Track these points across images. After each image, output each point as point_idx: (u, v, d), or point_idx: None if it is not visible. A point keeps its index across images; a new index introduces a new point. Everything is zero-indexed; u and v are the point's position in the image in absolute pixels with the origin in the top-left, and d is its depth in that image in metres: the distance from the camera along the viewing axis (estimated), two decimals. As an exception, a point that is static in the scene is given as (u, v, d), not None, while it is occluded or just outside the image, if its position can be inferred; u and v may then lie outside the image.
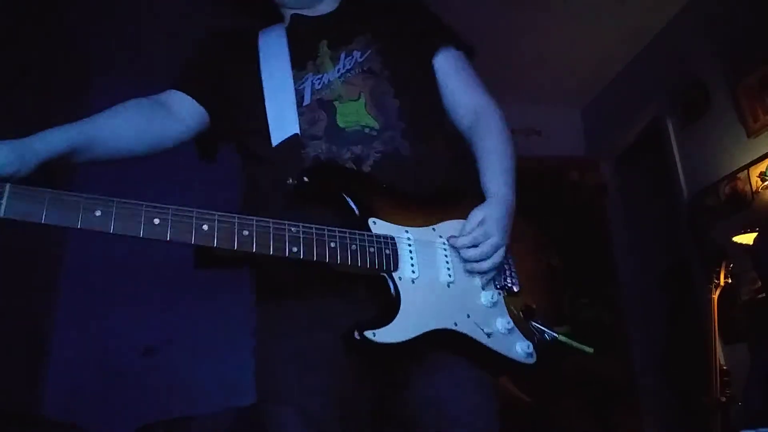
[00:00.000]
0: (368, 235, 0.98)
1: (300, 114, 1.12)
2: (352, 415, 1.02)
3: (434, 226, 1.07)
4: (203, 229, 0.88)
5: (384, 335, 0.92)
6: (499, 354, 1.01)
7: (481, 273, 1.05)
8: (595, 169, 4.20)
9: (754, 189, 2.74)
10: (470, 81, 1.27)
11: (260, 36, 1.26)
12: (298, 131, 1.10)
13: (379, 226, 1.00)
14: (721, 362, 2.61)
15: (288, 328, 1.07)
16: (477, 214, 1.05)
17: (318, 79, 1.16)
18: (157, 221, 0.86)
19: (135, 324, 3.25)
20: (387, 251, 0.98)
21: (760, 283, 2.52)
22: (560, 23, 3.43)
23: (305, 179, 0.99)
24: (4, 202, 0.77)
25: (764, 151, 2.70)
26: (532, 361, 1.03)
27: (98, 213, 0.83)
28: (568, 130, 4.37)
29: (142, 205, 0.86)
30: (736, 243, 2.57)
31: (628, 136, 3.93)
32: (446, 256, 1.05)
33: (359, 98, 1.13)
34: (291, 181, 1.02)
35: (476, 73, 1.30)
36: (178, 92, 1.19)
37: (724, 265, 2.65)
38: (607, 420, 3.50)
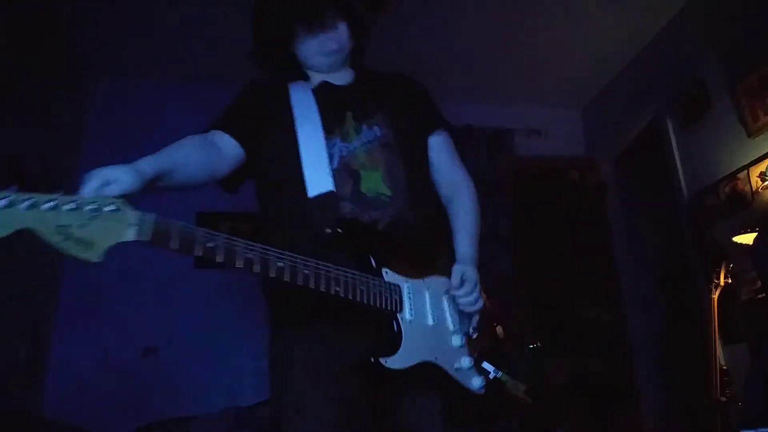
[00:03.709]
0: (382, 282, 1.25)
1: (332, 176, 1.34)
2: (358, 425, 1.25)
3: (425, 279, 1.33)
4: (248, 256, 1.06)
5: (394, 362, 1.20)
6: (461, 385, 1.31)
7: (472, 314, 1.35)
8: (595, 169, 4.20)
9: (754, 189, 2.74)
10: (453, 160, 1.54)
11: (291, 89, 1.45)
12: (333, 189, 1.31)
13: (389, 276, 1.27)
14: (721, 362, 2.61)
15: (305, 351, 1.29)
16: (458, 270, 1.33)
17: (345, 147, 1.38)
18: (210, 245, 1.04)
19: (135, 324, 3.26)
20: (396, 297, 1.25)
21: (760, 283, 2.52)
22: (560, 23, 3.44)
23: (339, 231, 1.24)
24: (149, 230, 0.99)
25: (764, 151, 2.70)
26: (482, 392, 1.33)
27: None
28: (568, 130, 4.37)
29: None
30: (736, 243, 2.57)
31: (628, 136, 3.93)
32: (431, 304, 1.32)
33: (378, 169, 1.37)
34: (329, 230, 1.24)
35: (456, 151, 1.57)
36: (223, 133, 1.38)
37: (724, 265, 2.65)
38: (607, 420, 3.49)
